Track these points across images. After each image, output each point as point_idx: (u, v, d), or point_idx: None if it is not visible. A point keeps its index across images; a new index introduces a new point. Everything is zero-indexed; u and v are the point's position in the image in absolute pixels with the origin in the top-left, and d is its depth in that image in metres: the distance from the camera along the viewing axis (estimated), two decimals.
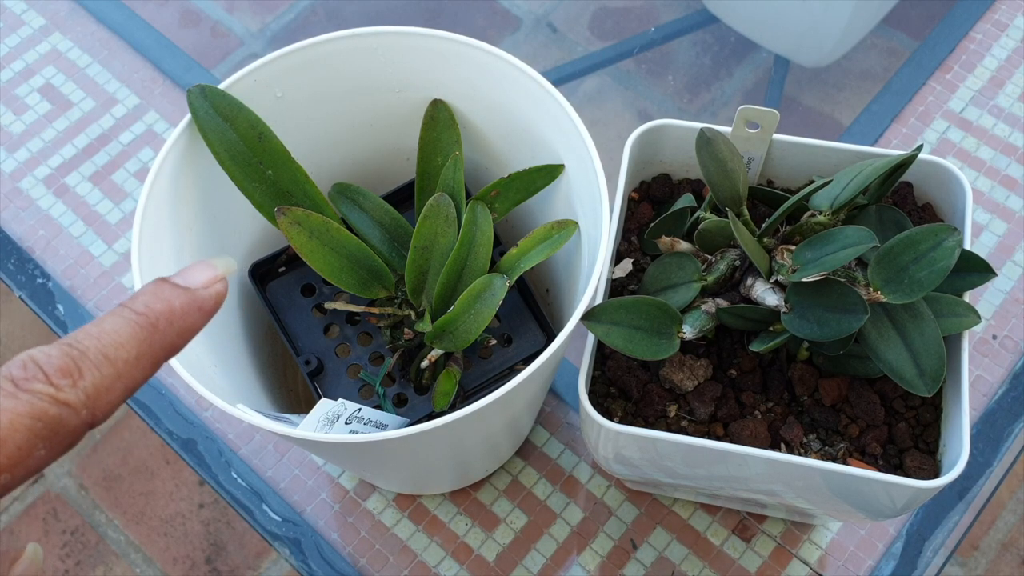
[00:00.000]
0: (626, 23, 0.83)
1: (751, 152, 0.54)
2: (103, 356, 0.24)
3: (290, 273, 0.57)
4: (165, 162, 0.49)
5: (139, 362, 0.25)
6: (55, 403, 0.23)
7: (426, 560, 0.61)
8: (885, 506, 0.48)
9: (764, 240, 0.49)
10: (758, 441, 0.49)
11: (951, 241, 0.44)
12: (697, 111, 0.79)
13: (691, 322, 0.48)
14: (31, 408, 0.22)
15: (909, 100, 0.75)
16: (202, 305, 0.27)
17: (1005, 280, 0.68)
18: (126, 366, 0.24)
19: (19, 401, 0.22)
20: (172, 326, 0.26)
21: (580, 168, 0.50)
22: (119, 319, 0.25)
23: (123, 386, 0.24)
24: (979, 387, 0.65)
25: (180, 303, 0.26)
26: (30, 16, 0.81)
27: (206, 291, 0.27)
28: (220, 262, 0.28)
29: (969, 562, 1.14)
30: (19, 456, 0.22)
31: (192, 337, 0.27)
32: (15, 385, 0.23)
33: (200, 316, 0.27)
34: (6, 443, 0.22)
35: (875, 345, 0.46)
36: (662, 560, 0.61)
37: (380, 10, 0.84)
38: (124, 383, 0.24)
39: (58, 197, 0.74)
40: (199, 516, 1.20)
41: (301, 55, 0.52)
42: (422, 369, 0.54)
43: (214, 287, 0.27)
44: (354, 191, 0.54)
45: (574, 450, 0.64)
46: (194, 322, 0.26)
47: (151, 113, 0.77)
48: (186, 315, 0.26)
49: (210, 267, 0.28)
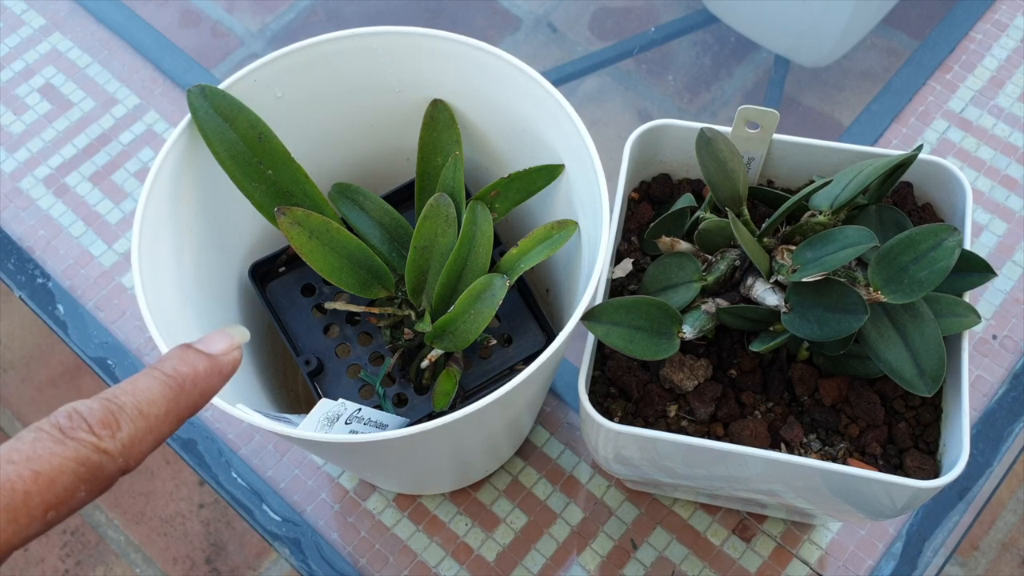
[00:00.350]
0: (626, 23, 0.83)
1: (751, 152, 0.54)
2: (138, 411, 0.27)
3: (290, 273, 0.57)
4: (165, 162, 0.49)
5: (167, 418, 0.28)
6: (96, 451, 0.26)
7: (426, 560, 0.61)
8: (885, 506, 0.48)
9: (764, 240, 0.49)
10: (758, 441, 0.49)
11: (951, 241, 0.44)
12: (697, 111, 0.79)
13: (691, 322, 0.48)
14: (76, 454, 0.25)
15: (909, 100, 0.75)
16: (222, 370, 0.30)
17: (1005, 280, 0.68)
18: (157, 421, 0.28)
19: (66, 447, 0.25)
20: (196, 387, 0.29)
21: (580, 168, 0.50)
22: (151, 379, 0.28)
23: (153, 438, 0.28)
24: (979, 387, 0.65)
25: (203, 367, 0.30)
26: (30, 16, 0.81)
27: (225, 358, 0.31)
28: (236, 331, 0.32)
29: (969, 562, 1.14)
30: (65, 496, 0.25)
31: (212, 397, 0.30)
32: (62, 433, 0.26)
33: (219, 379, 0.30)
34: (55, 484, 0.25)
35: (875, 345, 0.46)
36: (662, 560, 0.61)
37: (380, 10, 0.84)
38: (154, 436, 0.28)
39: (58, 197, 0.74)
40: (199, 516, 1.20)
41: (301, 55, 0.52)
42: (422, 369, 0.54)
43: (231, 354, 0.31)
44: (354, 191, 0.54)
45: (574, 450, 0.64)
46: (214, 384, 0.30)
47: (151, 113, 0.77)
48: (208, 378, 0.30)
49: (228, 336, 0.32)
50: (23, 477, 0.24)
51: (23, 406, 1.24)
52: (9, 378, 1.25)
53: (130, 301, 0.70)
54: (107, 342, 0.68)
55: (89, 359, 0.68)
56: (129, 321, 0.69)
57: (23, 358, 1.26)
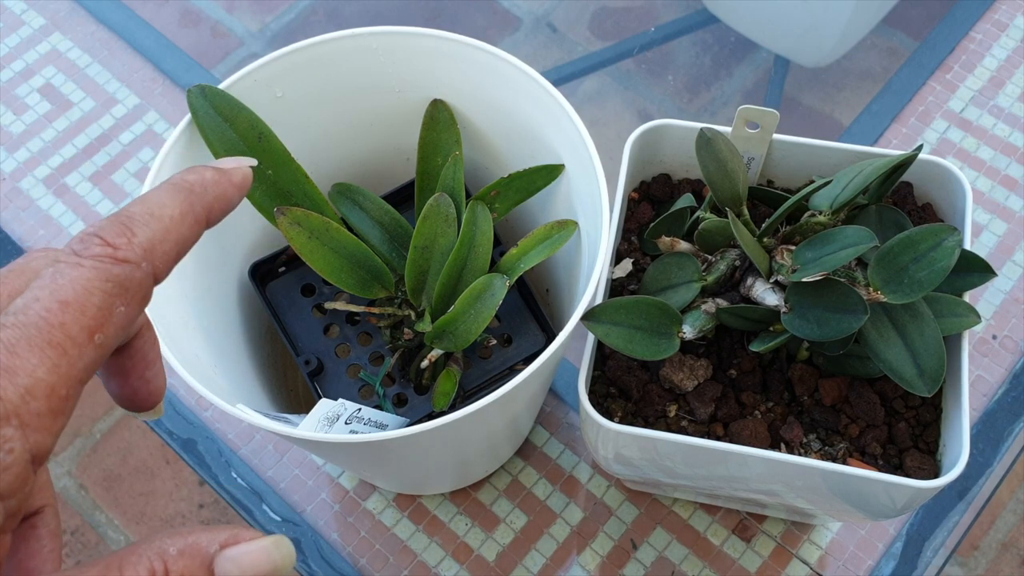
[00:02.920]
0: (626, 23, 0.83)
1: (751, 152, 0.54)
2: (149, 215, 0.27)
3: (290, 273, 0.57)
4: (165, 162, 0.49)
5: (184, 219, 0.27)
6: (116, 262, 0.25)
7: (426, 560, 0.61)
8: (885, 506, 0.48)
9: (764, 240, 0.49)
10: (758, 441, 0.49)
11: (951, 241, 0.44)
12: (697, 111, 0.79)
13: (691, 322, 0.48)
14: (97, 272, 0.25)
15: (909, 100, 0.75)
16: (231, 178, 0.30)
17: (1005, 280, 0.68)
18: (172, 222, 0.27)
19: (85, 268, 0.25)
20: (207, 191, 0.29)
21: (580, 168, 0.50)
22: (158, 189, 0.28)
23: (174, 239, 0.27)
24: (979, 387, 0.65)
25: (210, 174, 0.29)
26: (30, 16, 0.81)
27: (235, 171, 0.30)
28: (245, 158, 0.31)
29: (969, 562, 1.14)
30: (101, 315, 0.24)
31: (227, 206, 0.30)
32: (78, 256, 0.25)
33: (231, 188, 0.30)
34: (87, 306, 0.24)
35: (875, 345, 0.46)
36: (662, 560, 0.61)
37: (380, 10, 0.84)
38: (174, 237, 0.27)
39: (58, 197, 0.74)
40: (199, 516, 1.20)
41: (301, 55, 0.52)
42: (422, 369, 0.54)
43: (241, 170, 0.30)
44: (354, 191, 0.54)
45: (574, 450, 0.64)
46: (225, 190, 0.29)
47: (151, 113, 0.77)
48: (218, 184, 0.29)
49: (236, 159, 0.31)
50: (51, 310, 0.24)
51: None
52: None
53: None
54: None
55: None
56: None
57: None
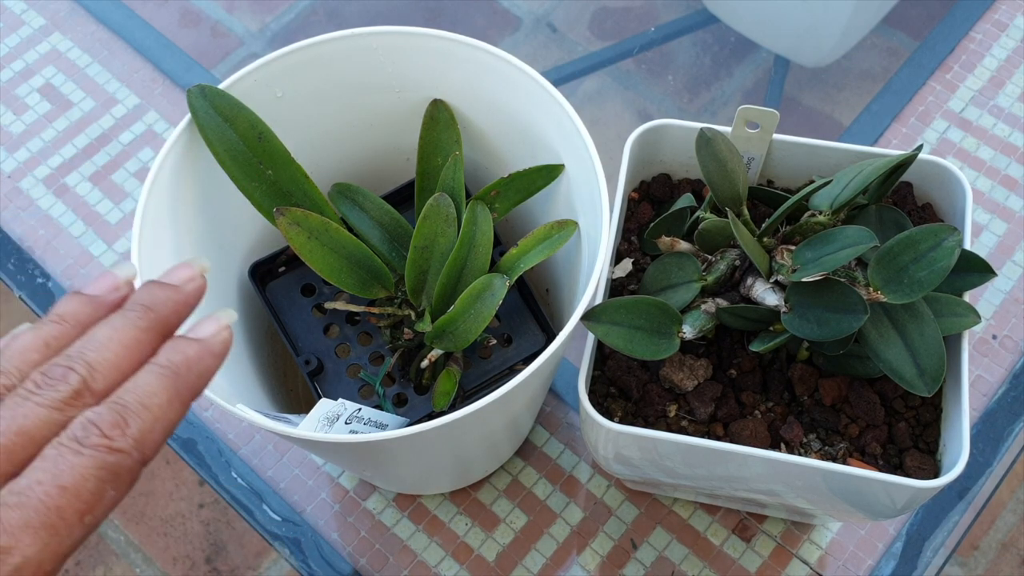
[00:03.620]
0: (626, 23, 0.83)
1: (751, 152, 0.54)
2: (141, 405, 0.30)
3: (290, 273, 0.57)
4: (165, 162, 0.49)
5: (171, 405, 0.30)
6: (112, 451, 0.29)
7: (426, 560, 0.61)
8: (885, 506, 0.48)
9: (764, 240, 0.49)
10: (758, 441, 0.49)
11: (951, 241, 0.44)
12: (697, 111, 0.79)
13: (691, 322, 0.48)
14: (93, 460, 0.28)
15: (909, 100, 0.75)
16: (213, 350, 0.32)
17: (1005, 280, 0.68)
18: (160, 410, 0.30)
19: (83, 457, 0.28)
20: (191, 371, 0.31)
21: (580, 168, 0.50)
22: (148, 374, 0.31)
23: (162, 427, 0.30)
24: (979, 387, 0.65)
25: (194, 351, 0.32)
26: (30, 16, 0.81)
27: (214, 339, 0.33)
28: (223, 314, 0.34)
29: (969, 562, 1.14)
30: (93, 500, 0.28)
31: (210, 378, 0.32)
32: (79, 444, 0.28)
33: (213, 359, 0.32)
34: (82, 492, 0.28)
35: (875, 345, 0.46)
36: (662, 560, 0.61)
37: (380, 10, 0.84)
38: (163, 424, 0.30)
39: (58, 197, 0.74)
40: (199, 516, 1.20)
41: (301, 55, 0.52)
42: (422, 369, 0.54)
43: (221, 335, 0.33)
44: (354, 191, 0.54)
45: (574, 450, 0.64)
46: (208, 365, 0.32)
47: (151, 113, 0.77)
48: (201, 360, 0.32)
49: (215, 320, 0.33)
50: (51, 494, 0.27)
51: None
52: None
53: None
54: None
55: None
56: None
57: None
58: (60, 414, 0.29)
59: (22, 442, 0.29)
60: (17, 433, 0.29)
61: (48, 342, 0.32)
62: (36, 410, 0.29)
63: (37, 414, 0.29)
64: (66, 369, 0.30)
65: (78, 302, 0.33)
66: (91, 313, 0.33)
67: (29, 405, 0.29)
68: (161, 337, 0.32)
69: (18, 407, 0.29)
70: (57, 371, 0.30)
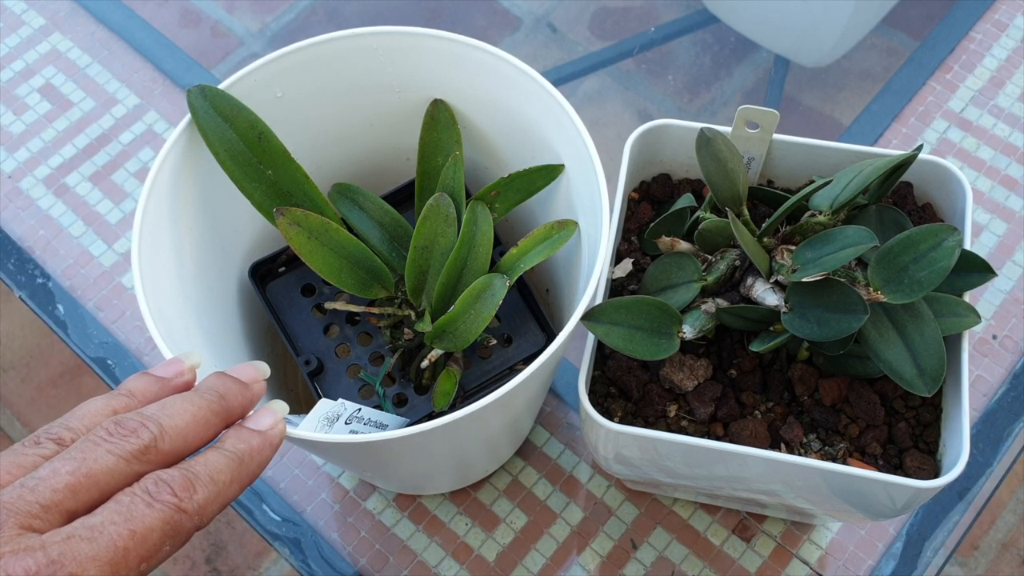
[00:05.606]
0: (626, 23, 0.83)
1: (751, 152, 0.54)
2: (210, 478, 0.33)
3: (290, 273, 0.57)
4: (165, 162, 0.49)
5: (232, 485, 0.34)
6: (178, 511, 0.32)
7: (426, 560, 0.61)
8: (885, 506, 0.48)
9: (764, 240, 0.49)
10: (758, 441, 0.49)
11: (951, 241, 0.44)
12: (697, 111, 0.79)
13: (691, 322, 0.48)
14: (162, 515, 0.31)
15: (909, 100, 0.75)
16: (271, 442, 0.37)
17: (1005, 280, 0.68)
18: (224, 487, 0.34)
19: (154, 509, 0.31)
20: (253, 459, 0.36)
21: (580, 168, 0.50)
22: (217, 455, 0.35)
23: (221, 501, 0.34)
24: (979, 387, 0.65)
25: (256, 443, 0.36)
26: (30, 16, 0.81)
27: (272, 431, 0.37)
28: (278, 406, 0.38)
29: (969, 562, 1.14)
30: (154, 550, 0.31)
31: (266, 466, 0.37)
32: (151, 497, 0.31)
33: (271, 450, 0.37)
34: (147, 540, 0.31)
35: (875, 345, 0.46)
36: (662, 560, 0.61)
37: (380, 10, 0.84)
38: (222, 499, 0.34)
39: (58, 197, 0.74)
40: None
41: (301, 55, 0.52)
42: (422, 369, 0.54)
43: (277, 428, 0.37)
44: (354, 191, 0.54)
45: (574, 450, 0.64)
46: (267, 455, 0.36)
47: (151, 113, 0.77)
48: (261, 451, 0.36)
49: (272, 413, 0.38)
50: (122, 535, 0.30)
51: (23, 406, 1.24)
52: (9, 378, 1.25)
53: (130, 301, 0.70)
54: (107, 342, 0.68)
55: (89, 359, 0.68)
56: (129, 321, 0.69)
57: (23, 358, 1.26)
58: (127, 465, 0.32)
59: (87, 484, 0.31)
60: (86, 475, 0.31)
61: (117, 411, 0.35)
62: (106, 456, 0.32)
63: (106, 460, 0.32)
64: (140, 424, 0.33)
65: (146, 381, 0.37)
66: (157, 392, 0.37)
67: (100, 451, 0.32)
68: (224, 423, 0.36)
69: (89, 451, 0.32)
70: (131, 423, 0.33)
